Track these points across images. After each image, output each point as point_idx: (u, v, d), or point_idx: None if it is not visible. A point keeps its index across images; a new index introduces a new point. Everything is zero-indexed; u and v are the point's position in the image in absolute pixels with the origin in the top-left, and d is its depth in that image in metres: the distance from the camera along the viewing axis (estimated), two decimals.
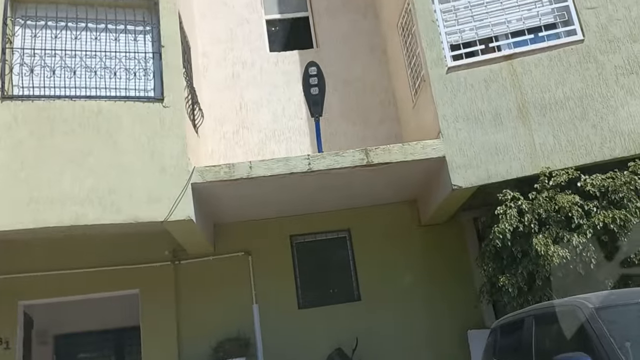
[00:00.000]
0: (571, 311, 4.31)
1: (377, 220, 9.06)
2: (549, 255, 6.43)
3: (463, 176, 7.31)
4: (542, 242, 6.52)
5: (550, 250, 6.46)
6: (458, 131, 7.47)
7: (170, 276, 8.62)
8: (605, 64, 7.34)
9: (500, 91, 7.51)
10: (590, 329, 4.02)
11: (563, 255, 6.46)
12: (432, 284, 8.77)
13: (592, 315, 4.09)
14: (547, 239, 6.57)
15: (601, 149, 7.11)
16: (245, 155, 9.14)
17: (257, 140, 9.42)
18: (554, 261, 6.45)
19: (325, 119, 9.09)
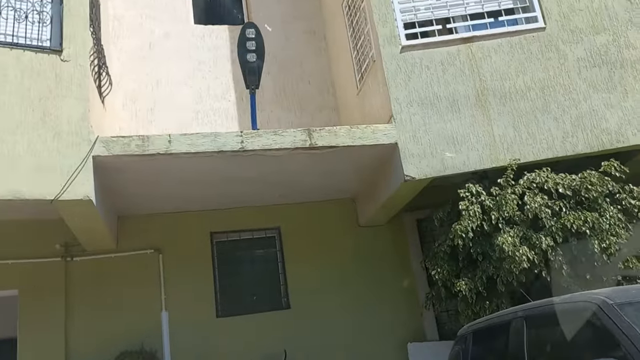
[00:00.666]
0: (582, 309, 3.47)
1: (312, 218, 8.00)
2: (517, 256, 5.66)
3: (417, 166, 6.45)
4: (509, 242, 5.74)
5: (518, 251, 5.69)
6: (412, 116, 6.62)
7: (59, 275, 7.09)
8: (568, 55, 6.82)
9: (458, 75, 6.77)
10: (615, 329, 3.17)
11: (531, 258, 5.72)
12: (370, 292, 7.80)
13: (614, 312, 3.25)
14: (514, 238, 5.81)
15: (563, 143, 6.52)
16: None
17: (176, 122, 8.09)
18: (522, 264, 5.69)
19: (257, 103, 7.98)
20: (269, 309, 7.68)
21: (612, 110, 6.61)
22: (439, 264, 6.47)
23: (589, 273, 5.98)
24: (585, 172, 6.17)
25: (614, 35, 6.89)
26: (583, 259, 6.05)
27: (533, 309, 4.00)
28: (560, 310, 3.67)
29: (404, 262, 8.07)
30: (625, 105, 6.61)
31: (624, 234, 5.99)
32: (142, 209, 7.46)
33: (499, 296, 6.13)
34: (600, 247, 5.89)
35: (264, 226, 8.02)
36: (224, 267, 7.82)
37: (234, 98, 8.41)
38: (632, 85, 6.70)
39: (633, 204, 6.16)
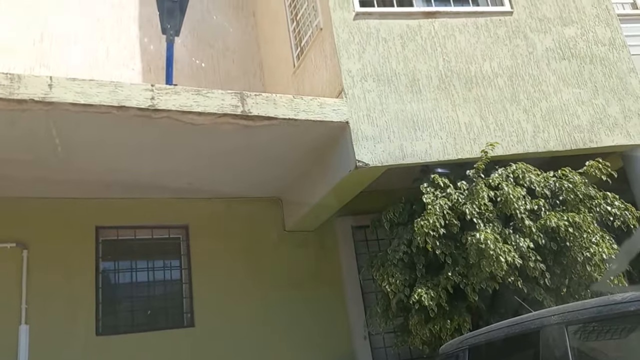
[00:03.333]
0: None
1: (228, 218, 6.40)
2: (502, 255, 4.49)
3: (371, 151, 5.13)
4: (491, 239, 4.55)
5: (501, 250, 4.52)
6: (366, 93, 5.34)
7: None
8: (536, 44, 5.95)
9: (419, 53, 5.64)
10: None
11: (510, 260, 4.58)
12: (292, 308, 6.28)
13: None
14: (495, 234, 4.64)
15: (534, 138, 5.55)
16: None
17: None
18: (502, 266, 4.52)
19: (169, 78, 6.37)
20: (168, 327, 5.94)
21: (583, 107, 5.78)
22: (391, 272, 5.12)
23: (564, 285, 5.01)
24: (564, 169, 5.20)
25: (582, 29, 6.15)
26: (558, 270, 5.04)
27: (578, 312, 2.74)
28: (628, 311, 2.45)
29: (335, 275, 6.66)
30: (597, 103, 5.82)
31: (602, 243, 5.05)
32: (4, 189, 5.47)
33: (460, 312, 4.92)
34: (583, 256, 4.90)
35: (167, 224, 6.28)
36: (112, 272, 5.98)
37: (139, 67, 6.72)
38: (602, 82, 5.93)
39: (609, 210, 5.25)
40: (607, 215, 5.28)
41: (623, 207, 5.35)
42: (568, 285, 5.06)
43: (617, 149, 5.80)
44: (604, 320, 2.58)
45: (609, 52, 6.09)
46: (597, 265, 4.96)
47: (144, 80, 6.68)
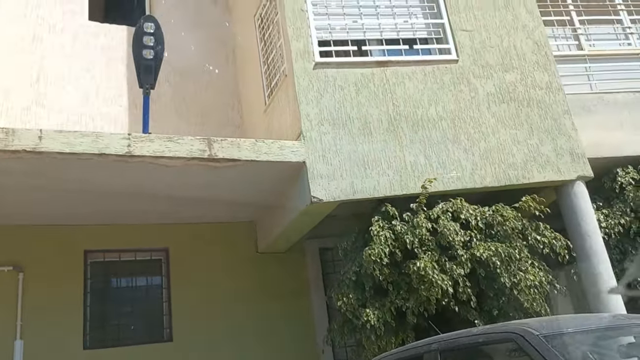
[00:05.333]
0: (504, 340, 2.91)
1: (205, 241, 6.99)
2: (439, 282, 5.08)
3: (325, 188, 5.73)
4: (429, 266, 5.16)
5: (438, 277, 5.12)
6: (323, 135, 5.94)
7: None
8: (478, 89, 6.53)
9: (372, 98, 6.23)
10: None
11: (444, 287, 5.18)
12: (264, 325, 6.86)
13: (540, 343, 2.68)
14: (432, 263, 5.24)
15: (472, 175, 6.13)
16: None
17: (56, 124, 6.82)
18: (439, 291, 5.13)
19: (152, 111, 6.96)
20: (148, 341, 6.51)
21: (518, 147, 6.36)
22: (345, 292, 5.72)
23: (496, 308, 5.58)
24: (498, 205, 5.80)
25: (522, 74, 6.72)
26: (491, 294, 5.63)
27: (449, 341, 3.34)
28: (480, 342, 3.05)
29: (304, 293, 7.25)
30: (531, 142, 6.40)
31: (531, 270, 5.65)
32: (3, 218, 6.08)
33: (405, 330, 5.51)
34: (511, 282, 5.49)
35: (150, 247, 6.88)
36: (99, 291, 6.58)
37: (126, 103, 7.32)
38: (537, 123, 6.51)
39: (539, 239, 5.85)
40: (537, 245, 5.89)
41: (552, 236, 5.96)
42: (499, 307, 5.67)
43: (549, 184, 6.39)
44: (464, 348, 3.17)
45: (545, 95, 6.67)
46: (522, 290, 5.55)
47: (130, 115, 7.29)
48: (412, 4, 6.86)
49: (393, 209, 5.75)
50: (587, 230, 6.18)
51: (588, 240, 6.16)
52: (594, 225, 6.25)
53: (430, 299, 5.24)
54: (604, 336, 2.80)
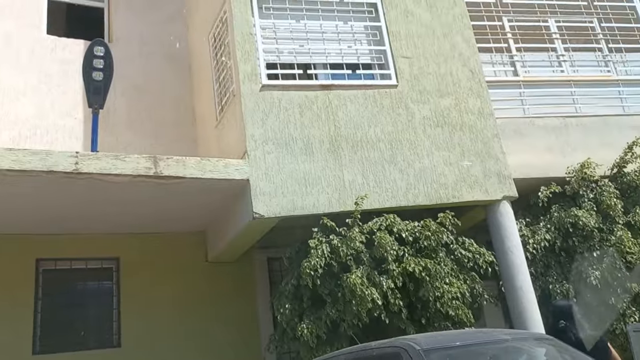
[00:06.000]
0: (391, 354, 3.28)
1: (156, 251, 7.23)
2: (367, 296, 5.45)
3: (267, 204, 6.06)
4: (358, 282, 5.53)
5: (367, 291, 5.49)
6: (266, 154, 6.27)
7: None
8: (415, 113, 6.95)
9: (315, 120, 6.59)
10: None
11: (375, 299, 5.55)
12: (211, 332, 7.13)
13: (419, 358, 3.08)
14: (362, 278, 5.61)
15: (406, 194, 6.54)
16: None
17: (8, 138, 7.01)
18: (368, 305, 5.51)
19: (107, 125, 7.23)
20: (96, 347, 6.73)
21: (450, 168, 6.79)
22: (282, 303, 6.06)
23: (425, 317, 5.99)
24: (425, 220, 6.21)
25: (456, 100, 7.16)
26: (419, 305, 6.04)
27: (353, 353, 3.73)
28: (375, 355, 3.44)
29: (251, 302, 7.54)
30: (462, 165, 6.83)
31: (455, 282, 6.08)
32: None
33: (340, 340, 5.87)
34: (434, 295, 5.90)
35: (101, 256, 7.09)
36: (50, 298, 6.76)
37: (81, 116, 7.51)
38: (468, 146, 6.95)
39: (464, 254, 6.30)
40: (463, 259, 6.34)
41: (477, 251, 6.42)
42: (428, 317, 6.09)
43: (478, 203, 6.85)
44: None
45: (477, 120, 7.13)
46: (446, 302, 5.98)
47: (85, 127, 7.47)
48: (357, 30, 7.25)
49: (332, 223, 6.11)
50: (509, 246, 6.66)
51: (511, 256, 6.63)
52: (517, 242, 6.73)
53: (361, 311, 5.60)
54: (478, 351, 3.19)
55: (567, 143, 7.78)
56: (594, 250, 6.96)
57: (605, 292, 6.77)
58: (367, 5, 7.31)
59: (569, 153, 7.64)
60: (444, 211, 6.40)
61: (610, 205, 7.12)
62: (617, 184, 7.46)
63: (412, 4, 7.45)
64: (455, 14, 7.59)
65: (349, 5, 7.25)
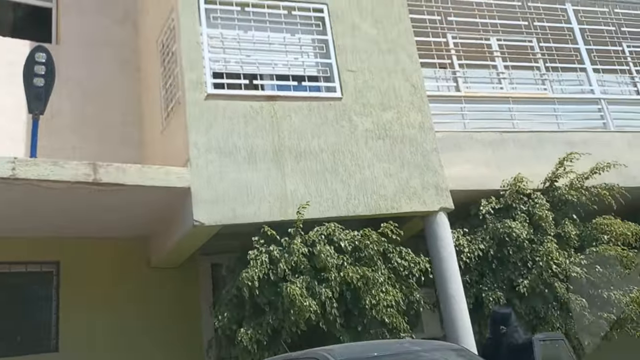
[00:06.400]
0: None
1: (98, 255, 7.19)
2: (304, 307, 5.59)
3: (208, 212, 6.13)
4: (297, 292, 5.66)
5: (305, 301, 5.62)
6: (209, 163, 6.33)
7: None
8: (358, 125, 7.13)
9: (259, 130, 6.69)
10: None
11: (314, 309, 5.69)
12: (153, 338, 7.11)
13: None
14: (302, 289, 5.75)
15: (346, 204, 6.71)
16: None
17: None
18: (306, 314, 5.64)
19: (53, 128, 7.14)
20: (33, 352, 6.64)
21: (390, 179, 7.00)
22: (221, 311, 6.14)
23: (361, 324, 6.16)
24: (365, 230, 6.38)
25: (398, 113, 7.38)
26: (356, 312, 6.21)
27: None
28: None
29: (194, 308, 7.57)
30: (402, 176, 7.05)
31: (391, 290, 6.27)
32: None
33: (278, 347, 5.97)
34: (370, 303, 6.08)
35: (40, 259, 7.00)
36: None
37: (25, 118, 7.37)
38: (408, 159, 7.18)
39: (400, 262, 6.51)
40: (399, 267, 6.55)
41: (412, 260, 6.65)
42: (364, 324, 6.26)
43: (416, 214, 7.08)
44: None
45: (417, 134, 7.36)
46: (381, 310, 6.16)
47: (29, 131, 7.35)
48: (304, 43, 7.39)
49: (273, 232, 6.22)
50: (444, 255, 6.91)
51: (445, 265, 6.89)
52: (452, 251, 6.99)
53: (298, 320, 5.72)
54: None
55: (503, 157, 8.11)
56: (525, 260, 7.29)
57: (534, 300, 7.11)
58: (314, 19, 7.46)
59: (505, 167, 7.96)
60: (385, 221, 6.60)
61: (542, 218, 7.46)
62: (549, 197, 7.83)
63: (358, 19, 7.64)
64: (400, 30, 7.82)
65: (297, 17, 7.39)
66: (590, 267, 7.25)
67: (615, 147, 8.71)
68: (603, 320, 7.10)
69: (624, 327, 7.29)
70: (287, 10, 7.35)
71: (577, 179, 7.80)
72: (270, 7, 7.29)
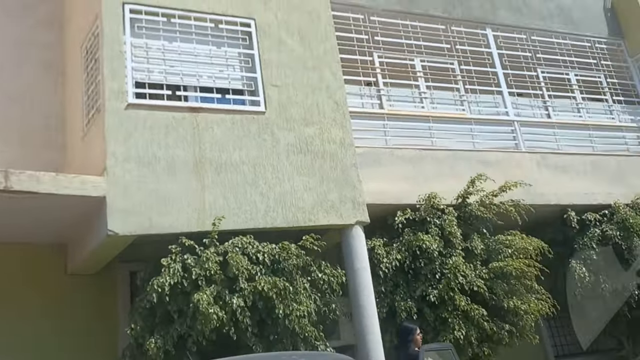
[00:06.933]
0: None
1: (11, 262, 6.98)
2: (209, 314, 5.67)
3: (123, 222, 6.13)
4: (204, 299, 5.74)
5: (211, 309, 5.71)
6: (127, 172, 6.34)
7: None
8: (280, 139, 7.29)
9: (180, 141, 6.74)
10: None
11: (221, 317, 5.78)
12: (68, 345, 6.98)
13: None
14: (210, 297, 5.84)
15: (265, 217, 6.86)
16: None
17: None
18: (212, 322, 5.72)
19: None
20: None
21: (309, 193, 7.20)
22: (134, 319, 6.15)
23: (274, 334, 6.31)
24: (284, 242, 6.55)
25: (320, 129, 7.59)
26: (269, 322, 6.35)
27: None
28: None
29: (111, 316, 7.47)
30: (320, 190, 7.27)
31: (305, 301, 6.45)
32: None
33: (188, 356, 6.04)
34: (284, 313, 6.24)
35: None
36: None
37: None
38: (328, 173, 7.40)
39: (320, 276, 6.72)
40: (319, 281, 6.76)
41: (331, 273, 6.87)
42: (277, 333, 6.42)
43: (333, 227, 7.32)
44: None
45: (338, 149, 7.60)
46: (294, 320, 6.34)
47: None
48: (231, 56, 7.50)
49: (190, 242, 6.29)
50: (358, 267, 7.18)
51: (358, 276, 7.15)
52: (366, 264, 7.26)
53: (205, 329, 5.82)
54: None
55: (421, 173, 8.50)
56: (435, 272, 7.66)
57: (442, 309, 7.49)
58: (241, 33, 7.58)
59: (422, 182, 8.35)
60: (304, 233, 6.79)
61: (452, 232, 7.87)
62: (461, 212, 8.27)
63: (285, 35, 7.82)
64: (326, 49, 8.05)
65: (224, 31, 7.50)
66: (493, 280, 7.70)
67: (525, 167, 9.30)
68: (504, 329, 7.55)
69: (523, 335, 7.79)
70: (214, 23, 7.45)
71: (487, 196, 8.27)
72: (197, 19, 7.36)
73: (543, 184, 9.21)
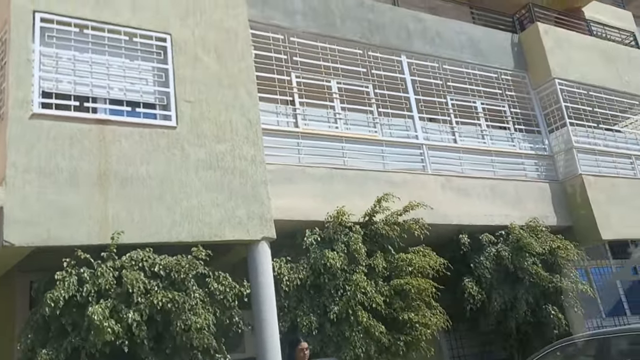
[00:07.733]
0: None
1: None
2: (102, 328, 5.68)
3: (20, 233, 6.04)
4: (99, 313, 5.74)
5: (104, 323, 5.71)
6: (27, 183, 6.25)
7: None
8: (190, 155, 7.37)
9: (85, 153, 6.70)
10: None
11: (116, 330, 5.79)
12: None
13: None
14: (105, 310, 5.83)
15: (170, 231, 6.92)
16: None
17: None
18: (105, 335, 5.72)
19: None
20: None
21: (217, 208, 7.31)
22: (25, 333, 6.05)
23: (171, 347, 6.37)
24: (179, 255, 6.63)
25: (232, 146, 7.71)
26: (167, 336, 6.41)
27: None
28: None
29: (7, 328, 7.28)
30: (228, 206, 7.40)
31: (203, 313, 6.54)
32: None
33: None
34: (181, 325, 6.32)
35: None
36: None
37: None
38: (237, 189, 7.54)
39: (216, 287, 6.82)
40: (216, 292, 6.86)
41: (229, 284, 6.98)
42: (174, 346, 6.48)
43: (239, 242, 7.47)
44: None
45: (249, 167, 7.75)
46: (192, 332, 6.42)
47: None
48: (144, 69, 7.53)
49: (87, 255, 6.25)
50: (262, 281, 7.35)
51: (261, 290, 7.33)
52: (270, 279, 7.45)
53: (97, 342, 5.82)
54: None
55: (331, 191, 8.80)
56: (338, 288, 7.96)
57: (342, 324, 7.78)
58: (156, 47, 7.63)
59: (331, 200, 8.66)
60: (210, 248, 6.88)
61: (357, 249, 8.21)
62: (367, 230, 8.63)
63: (202, 52, 7.93)
64: (242, 68, 8.22)
65: (138, 44, 7.53)
66: (393, 296, 8.10)
67: (430, 188, 9.82)
68: (400, 340, 7.96)
69: (418, 347, 8.22)
70: (129, 36, 7.47)
71: (392, 215, 8.69)
72: (111, 31, 7.36)
73: (446, 205, 9.76)
